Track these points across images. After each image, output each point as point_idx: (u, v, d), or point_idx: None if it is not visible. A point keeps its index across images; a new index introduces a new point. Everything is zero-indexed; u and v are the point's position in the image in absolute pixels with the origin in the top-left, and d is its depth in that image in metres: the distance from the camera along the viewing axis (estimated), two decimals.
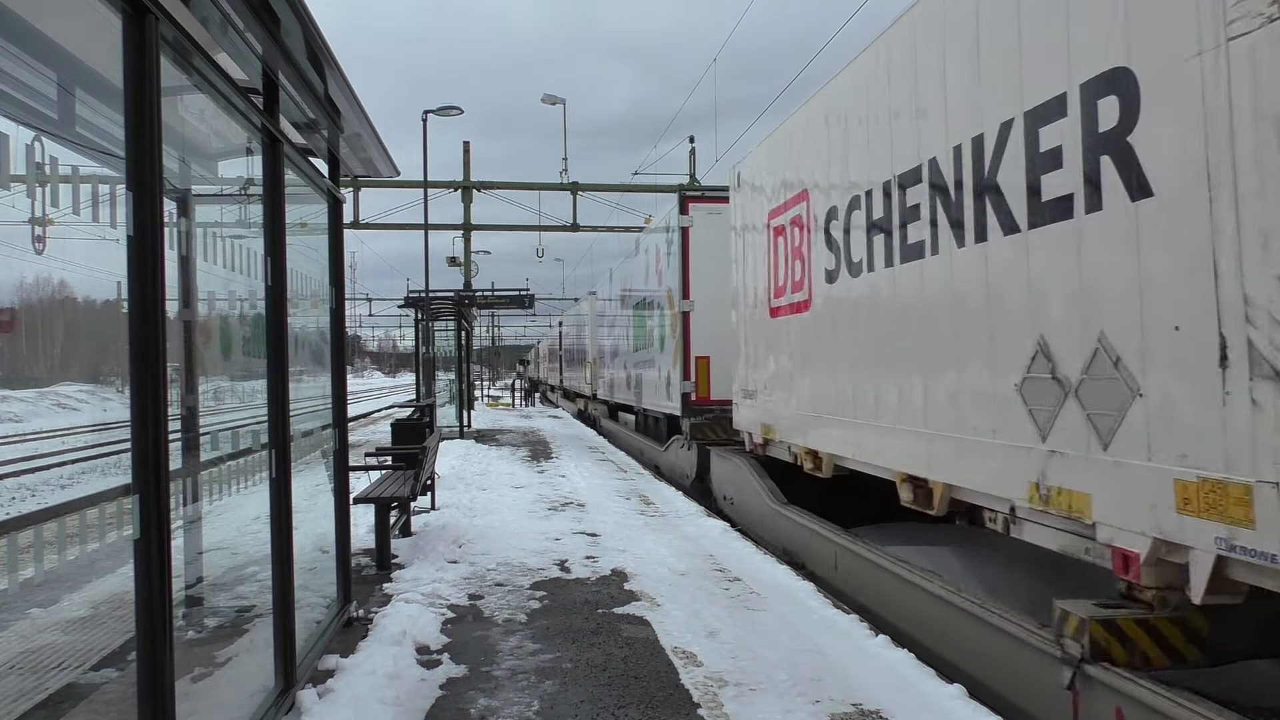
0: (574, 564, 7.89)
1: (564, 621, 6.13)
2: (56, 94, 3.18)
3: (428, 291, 21.90)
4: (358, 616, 6.09)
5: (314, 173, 5.56)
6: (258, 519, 4.39)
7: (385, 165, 6.67)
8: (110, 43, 2.73)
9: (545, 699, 4.70)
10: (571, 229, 27.21)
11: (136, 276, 2.74)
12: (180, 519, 3.97)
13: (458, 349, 24.86)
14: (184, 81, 3.35)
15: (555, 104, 27.49)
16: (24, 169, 2.64)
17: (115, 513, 2.87)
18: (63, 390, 5.85)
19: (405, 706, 4.56)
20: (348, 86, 4.89)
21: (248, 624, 4.77)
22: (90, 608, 5.34)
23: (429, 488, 10.77)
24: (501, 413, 38.43)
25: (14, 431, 11.81)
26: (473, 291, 26.11)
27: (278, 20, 3.81)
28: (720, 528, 9.54)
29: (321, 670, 4.90)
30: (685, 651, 5.43)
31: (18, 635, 4.82)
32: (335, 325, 5.98)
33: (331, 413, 5.90)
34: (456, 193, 27.21)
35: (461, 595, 6.85)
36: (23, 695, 4.27)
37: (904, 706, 4.51)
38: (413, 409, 15.53)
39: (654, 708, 4.56)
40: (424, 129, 21.98)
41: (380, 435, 20.11)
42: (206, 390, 4.58)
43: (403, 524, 9.13)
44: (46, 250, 2.77)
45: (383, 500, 7.78)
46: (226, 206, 4.92)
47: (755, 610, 6.30)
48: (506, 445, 20.59)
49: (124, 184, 2.72)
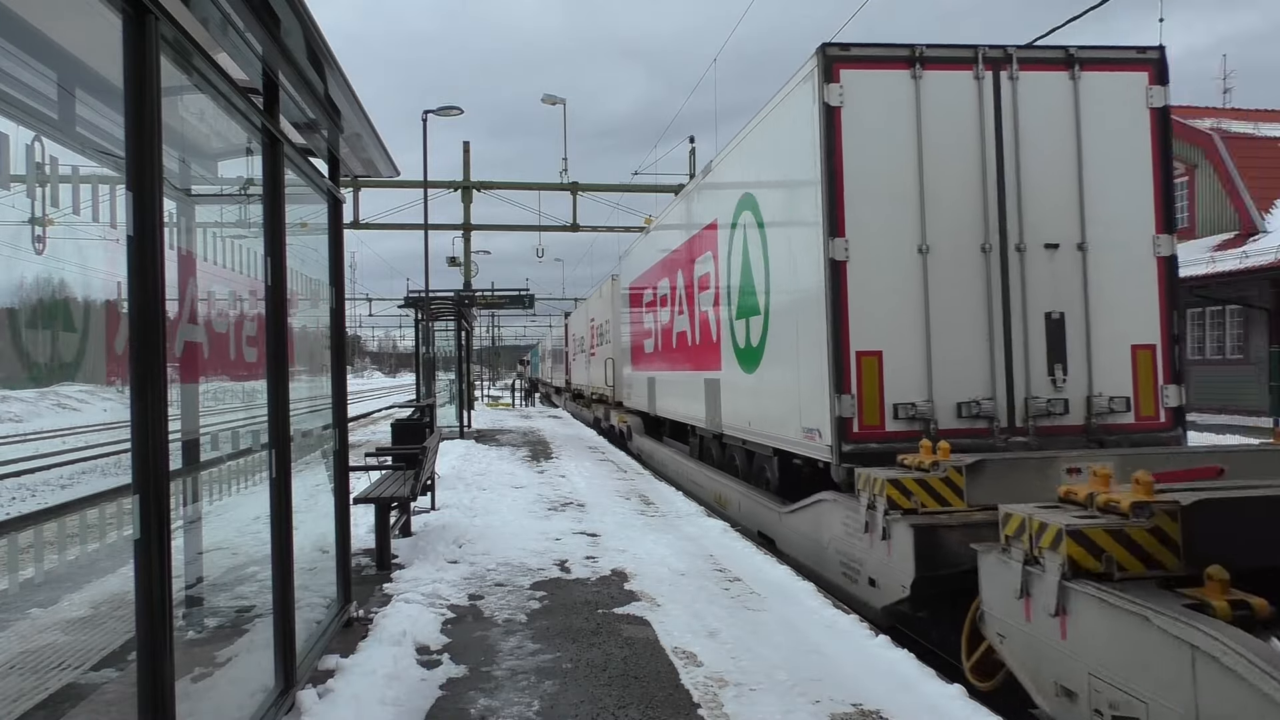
0: (574, 564, 7.89)
1: (564, 621, 6.13)
2: (56, 94, 3.18)
3: (428, 291, 21.91)
4: (358, 616, 6.09)
5: (314, 173, 5.56)
6: (258, 519, 4.39)
7: (385, 165, 6.67)
8: (110, 43, 2.72)
9: (545, 699, 4.70)
10: (571, 229, 27.23)
11: (137, 276, 2.73)
12: (180, 519, 3.97)
13: (458, 349, 24.86)
14: (184, 81, 3.34)
15: (555, 104, 27.50)
16: (24, 169, 2.64)
17: (115, 513, 2.87)
18: (63, 390, 5.84)
19: (405, 707, 4.56)
20: (348, 86, 4.89)
21: (248, 624, 4.76)
22: (90, 608, 5.35)
23: (429, 488, 10.77)
24: (501, 413, 38.43)
25: (14, 431, 11.79)
26: (473, 291, 26.13)
27: (278, 20, 3.81)
28: (720, 528, 9.53)
29: (321, 670, 4.90)
30: (685, 651, 5.43)
31: (18, 635, 4.82)
32: (335, 325, 5.98)
33: (331, 413, 5.90)
34: (457, 193, 27.22)
35: (461, 595, 6.85)
36: (23, 695, 4.27)
37: (904, 706, 4.51)
38: (413, 409, 15.53)
39: (654, 708, 4.56)
40: (424, 129, 22.02)
41: (380, 435, 20.10)
42: (207, 391, 4.58)
43: (403, 524, 9.13)
44: (49, 250, 2.76)
45: (383, 500, 7.78)
46: (226, 206, 4.92)
47: (755, 610, 6.30)
48: (506, 445, 20.58)
49: (124, 184, 2.72)
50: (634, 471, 15.22)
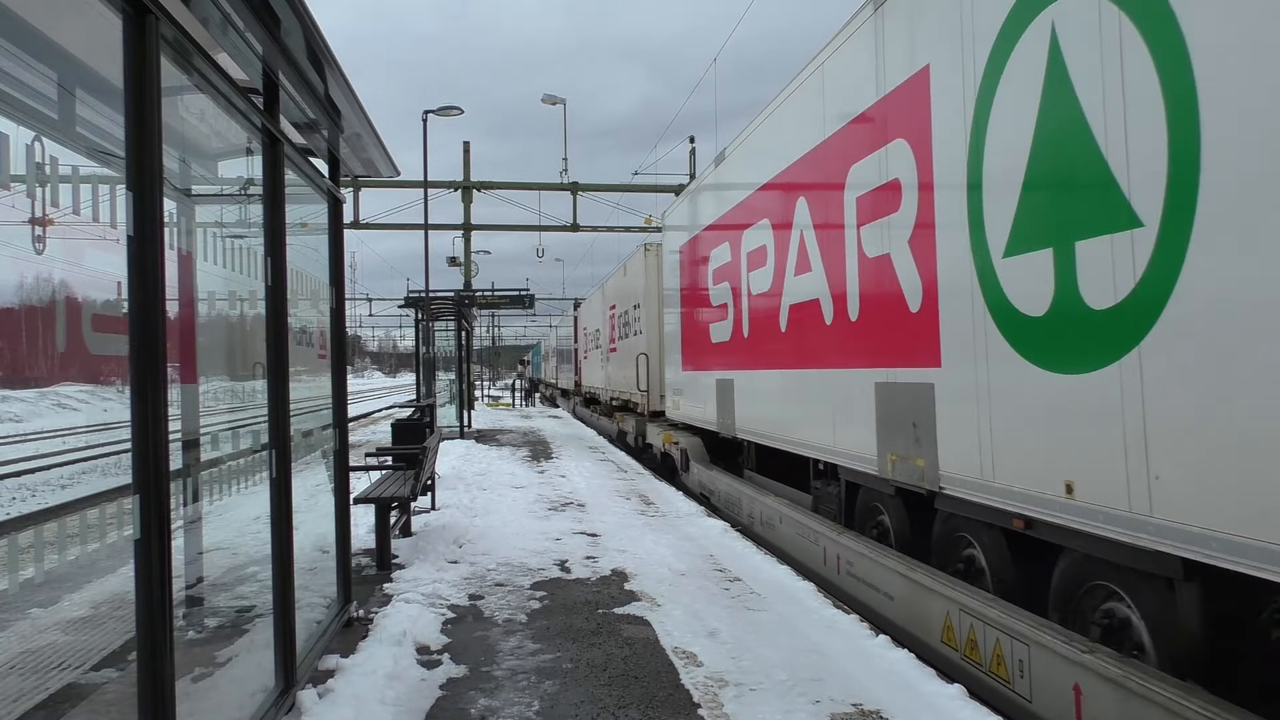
0: (574, 564, 7.89)
1: (564, 621, 6.13)
2: (56, 94, 3.18)
3: (428, 291, 21.92)
4: (358, 616, 6.09)
5: (314, 173, 5.56)
6: (258, 519, 4.39)
7: (385, 165, 6.67)
8: (110, 43, 2.72)
9: (545, 699, 4.70)
10: (572, 229, 27.24)
11: (137, 276, 2.73)
12: (180, 519, 3.97)
13: (458, 349, 24.86)
14: (184, 81, 3.34)
15: (555, 104, 27.50)
16: (24, 169, 2.64)
17: (115, 513, 2.87)
18: (63, 390, 5.84)
19: (405, 707, 4.56)
20: (348, 86, 4.89)
21: (248, 624, 4.76)
22: (90, 608, 5.35)
23: (429, 488, 10.77)
24: (502, 413, 38.44)
25: (14, 431, 11.79)
26: (473, 291, 26.14)
27: (278, 20, 3.81)
28: (720, 528, 9.54)
29: (322, 670, 4.90)
30: (685, 651, 5.43)
31: (18, 635, 4.82)
32: (335, 325, 5.98)
33: (331, 413, 5.90)
34: (457, 193, 27.23)
35: (462, 595, 6.85)
36: (23, 695, 4.28)
37: (904, 706, 4.51)
38: (413, 409, 15.53)
39: (654, 708, 4.56)
40: (424, 129, 22.02)
41: (380, 435, 20.11)
42: (207, 391, 4.58)
43: (403, 524, 9.14)
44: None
45: (383, 500, 7.78)
46: (226, 206, 4.92)
47: (755, 610, 6.30)
48: (507, 445, 20.58)
49: (124, 184, 2.72)
50: (634, 471, 15.22)
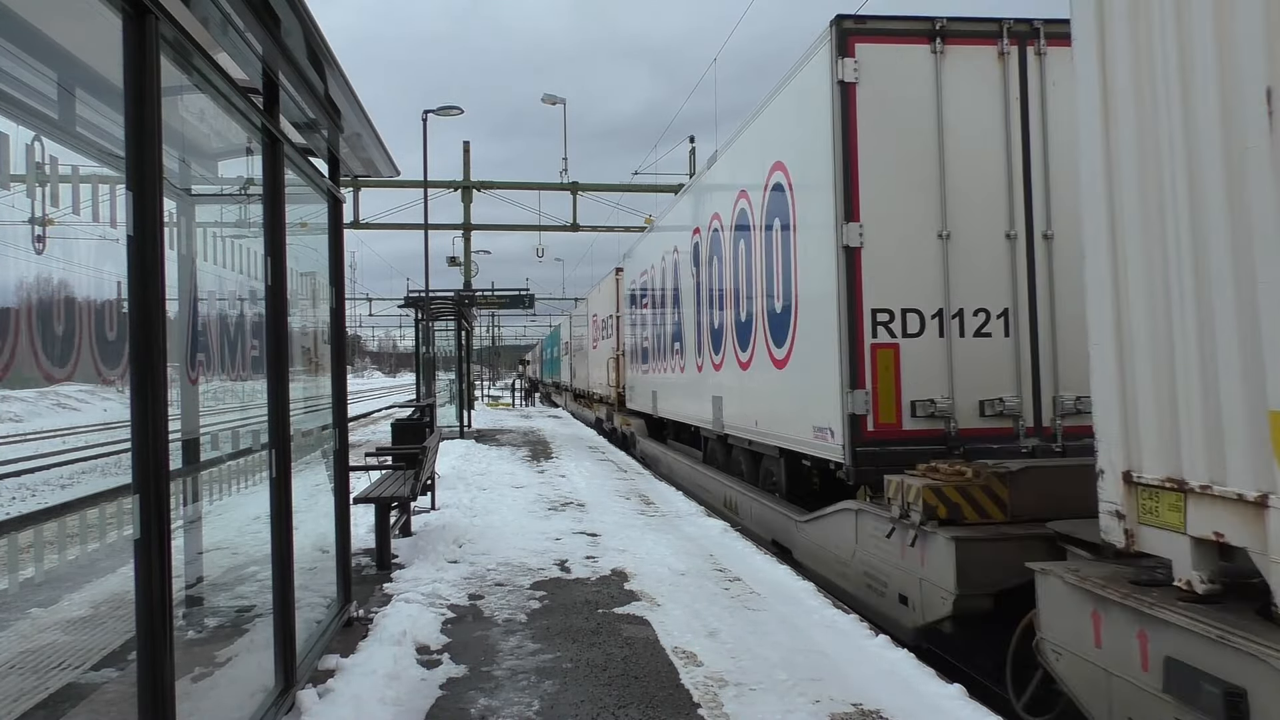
0: (574, 564, 7.89)
1: (564, 621, 6.13)
2: (56, 94, 3.18)
3: (428, 291, 21.91)
4: (358, 616, 6.09)
5: (314, 173, 5.56)
6: (258, 519, 4.39)
7: (385, 165, 6.67)
8: (110, 43, 2.72)
9: (545, 699, 4.70)
10: (571, 229, 27.24)
11: (137, 276, 2.73)
12: (180, 519, 3.97)
13: (458, 349, 24.87)
14: (184, 81, 3.34)
15: (555, 104, 27.50)
16: (24, 169, 2.64)
17: (115, 513, 2.87)
18: (63, 390, 5.85)
19: (405, 706, 4.56)
20: (348, 86, 4.89)
21: (248, 624, 4.76)
22: (90, 608, 5.34)
23: (429, 488, 10.77)
24: (501, 413, 38.43)
25: (14, 431, 11.79)
26: (473, 291, 26.14)
27: (278, 20, 3.81)
28: (720, 527, 9.53)
29: (322, 670, 4.90)
30: (685, 651, 5.43)
31: (18, 635, 4.82)
32: (335, 325, 5.98)
33: (331, 413, 5.90)
34: (457, 193, 27.23)
35: (461, 595, 6.85)
36: (23, 695, 4.27)
37: (904, 706, 4.51)
38: (413, 409, 15.53)
39: (654, 708, 4.56)
40: (424, 129, 22.02)
41: (380, 435, 20.11)
42: (207, 391, 4.58)
43: (403, 524, 9.13)
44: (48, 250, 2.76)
45: (383, 500, 7.78)
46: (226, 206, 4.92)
47: (755, 610, 6.30)
48: (507, 445, 20.58)
49: (124, 184, 2.72)
50: (634, 471, 15.23)
